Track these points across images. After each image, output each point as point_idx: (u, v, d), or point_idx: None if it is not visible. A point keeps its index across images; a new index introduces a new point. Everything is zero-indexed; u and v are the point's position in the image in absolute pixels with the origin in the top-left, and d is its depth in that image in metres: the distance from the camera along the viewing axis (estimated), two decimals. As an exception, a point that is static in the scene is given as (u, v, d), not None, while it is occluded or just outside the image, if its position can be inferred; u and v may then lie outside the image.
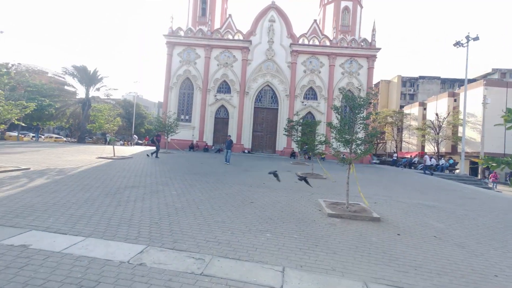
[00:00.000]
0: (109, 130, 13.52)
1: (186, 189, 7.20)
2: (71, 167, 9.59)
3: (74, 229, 3.82)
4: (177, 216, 4.78)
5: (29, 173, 7.78)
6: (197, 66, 27.95)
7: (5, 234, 3.48)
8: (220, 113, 28.32)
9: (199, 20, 29.60)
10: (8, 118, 7.70)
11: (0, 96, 7.80)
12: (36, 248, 3.15)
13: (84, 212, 4.64)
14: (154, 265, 2.94)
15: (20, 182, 6.62)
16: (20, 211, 4.44)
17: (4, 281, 2.45)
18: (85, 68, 29.52)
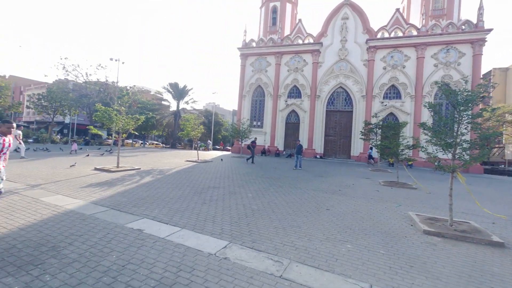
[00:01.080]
0: (194, 136, 15.52)
1: (260, 192, 7.48)
2: (167, 168, 11.46)
3: (172, 221, 4.51)
4: (254, 217, 5.00)
5: (140, 172, 9.72)
6: (268, 73, 29.01)
7: (127, 219, 4.43)
8: (291, 118, 28.41)
9: (269, 29, 30.80)
10: (127, 128, 9.82)
11: (123, 112, 10.03)
12: (147, 233, 3.87)
13: (178, 207, 5.43)
14: (237, 261, 3.15)
15: (134, 179, 8.34)
16: (135, 202, 5.57)
17: (128, 256, 3.11)
18: (177, 84, 35.04)
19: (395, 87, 24.21)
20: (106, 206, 5.11)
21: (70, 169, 9.40)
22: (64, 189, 6.35)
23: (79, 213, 4.60)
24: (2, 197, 5.38)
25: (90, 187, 6.74)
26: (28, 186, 6.49)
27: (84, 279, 2.57)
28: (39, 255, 3.00)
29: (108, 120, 9.49)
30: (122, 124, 9.79)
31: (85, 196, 5.79)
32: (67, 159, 12.42)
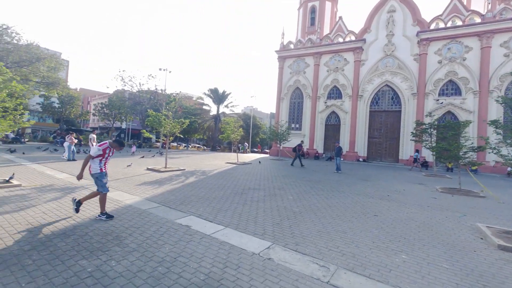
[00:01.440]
0: (234, 139, 15.98)
1: (301, 194, 7.32)
2: (209, 169, 12.00)
3: (216, 219, 4.68)
4: (295, 219, 4.90)
5: (185, 173, 10.36)
6: (306, 75, 28.48)
7: (176, 216, 4.74)
8: (330, 120, 27.36)
9: (308, 30, 30.27)
10: (174, 132, 10.59)
11: (170, 116, 10.85)
12: (194, 229, 4.08)
13: (221, 206, 5.62)
14: (281, 262, 3.11)
15: (180, 179, 8.92)
16: (182, 200, 5.94)
17: (179, 250, 3.31)
18: (217, 89, 36.67)
19: (453, 82, 21.51)
20: (158, 203, 5.56)
21: (127, 169, 10.50)
22: (123, 186, 7.11)
23: (136, 208, 5.09)
24: (74, 193, 6.25)
25: (143, 185, 7.42)
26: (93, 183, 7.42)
27: (143, 267, 2.82)
28: (106, 242, 3.40)
29: (158, 124, 10.37)
30: (169, 127, 10.59)
31: (140, 193, 6.39)
32: (126, 160, 13.90)
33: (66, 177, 8.06)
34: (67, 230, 3.76)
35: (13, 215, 4.30)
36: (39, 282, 2.45)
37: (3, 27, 18.72)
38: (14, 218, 4.14)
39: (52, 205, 5.02)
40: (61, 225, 3.96)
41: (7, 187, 6.25)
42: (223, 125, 16.08)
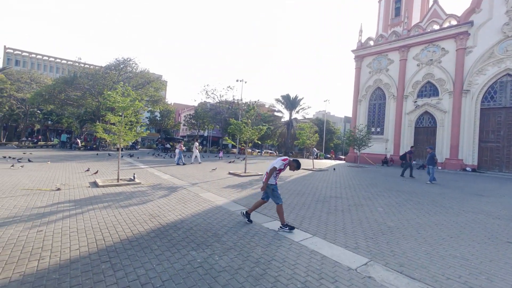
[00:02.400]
0: (310, 145, 15.64)
1: (393, 207, 6.43)
2: (286, 175, 12.08)
3: (302, 226, 4.61)
4: (392, 235, 4.31)
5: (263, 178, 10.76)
6: (389, 72, 25.41)
7: (262, 219, 4.93)
8: (422, 122, 23.41)
9: (391, 22, 27.11)
10: (252, 138, 11.19)
11: (249, 124, 11.53)
12: (282, 234, 4.13)
13: (304, 213, 5.52)
14: (385, 283, 2.75)
15: (260, 184, 9.30)
16: (265, 205, 6.13)
17: (271, 253, 3.39)
18: (289, 96, 37.03)
19: None
20: (243, 206, 5.93)
21: (212, 172, 11.73)
22: (212, 188, 7.95)
23: (226, 209, 5.56)
24: (177, 191, 7.35)
25: (228, 188, 8.09)
26: (190, 184, 8.59)
27: (242, 265, 3.01)
28: (208, 238, 3.82)
29: (238, 131, 11.20)
30: (249, 134, 11.27)
31: (227, 195, 6.99)
32: (213, 164, 15.61)
33: (169, 178, 9.62)
34: (177, 223, 4.43)
35: (140, 207, 5.39)
36: (164, 265, 2.95)
37: (127, 60, 24.59)
38: (141, 210, 5.18)
39: (163, 200, 6.05)
40: (172, 218, 4.71)
41: (132, 184, 7.94)
42: (298, 131, 16.02)
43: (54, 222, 4.20)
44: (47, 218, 4.42)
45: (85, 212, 4.86)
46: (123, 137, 8.45)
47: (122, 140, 8.46)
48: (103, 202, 5.62)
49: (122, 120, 8.46)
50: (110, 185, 7.52)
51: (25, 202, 5.34)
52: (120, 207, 5.31)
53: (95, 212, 4.85)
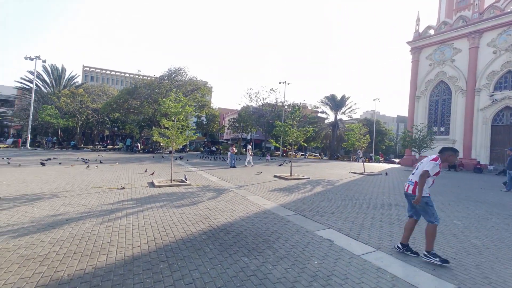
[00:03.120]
0: (360, 147, 14.47)
1: (475, 221, 5.36)
2: (334, 179, 11.35)
3: (361, 237, 4.12)
4: (481, 257, 3.52)
5: (310, 182, 10.28)
6: (456, 63, 22.13)
7: (315, 227, 4.58)
8: (502, 118, 19.72)
9: (457, 6, 23.66)
10: (298, 141, 10.82)
11: (294, 126, 11.19)
12: (339, 246, 3.73)
13: (361, 222, 4.97)
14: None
15: (307, 187, 8.88)
16: (316, 210, 5.76)
17: (329, 267, 3.05)
18: (334, 96, 35.28)
19: None
20: (293, 211, 5.65)
21: (258, 175, 11.70)
22: (258, 191, 7.86)
23: (274, 214, 5.37)
24: (225, 193, 7.45)
25: (275, 192, 7.89)
26: (236, 186, 8.66)
27: (298, 278, 2.76)
28: (258, 244, 3.67)
29: (284, 133, 10.95)
30: (294, 136, 10.93)
31: (274, 199, 6.79)
32: (258, 167, 15.69)
33: (216, 180, 9.89)
34: (227, 226, 4.41)
35: (191, 208, 5.58)
36: (218, 269, 2.88)
37: (178, 69, 26.76)
38: (192, 211, 5.34)
39: (212, 202, 6.17)
40: (222, 221, 4.71)
41: (183, 185, 8.36)
42: (346, 133, 14.98)
43: (119, 219, 4.58)
44: (114, 214, 4.85)
45: (145, 210, 5.21)
46: (175, 141, 9.01)
47: (175, 143, 9.01)
48: (159, 202, 5.99)
49: (174, 124, 9.04)
50: (164, 185, 8.04)
51: (97, 199, 6.00)
52: (174, 207, 5.56)
53: (153, 211, 5.16)
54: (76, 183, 7.92)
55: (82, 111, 29.82)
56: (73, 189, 7.00)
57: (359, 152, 33.68)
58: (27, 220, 4.34)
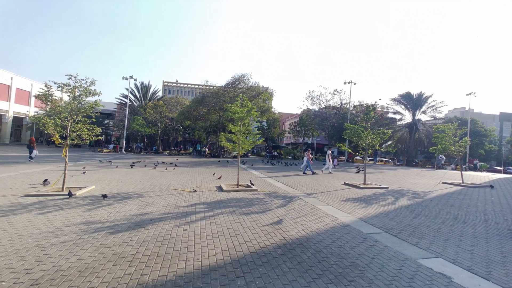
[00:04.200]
0: (455, 152, 11.81)
1: None
2: (421, 190, 9.48)
3: (492, 276, 3.01)
4: None
5: (390, 192, 8.82)
6: None
7: (415, 253, 3.63)
8: None
9: None
10: (374, 145, 9.48)
11: (368, 128, 9.89)
12: (461, 285, 2.77)
13: (485, 253, 3.73)
14: None
15: (388, 199, 7.57)
16: (409, 230, 4.69)
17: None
18: (409, 94, 30.70)
19: None
20: (378, 227, 4.74)
21: (325, 182, 10.80)
22: (330, 200, 7.09)
23: (355, 230, 4.59)
24: (293, 201, 6.97)
25: (350, 202, 6.96)
26: (305, 194, 8.07)
27: (415, 330, 2.05)
28: (345, 268, 3.05)
29: (356, 137, 9.79)
30: (369, 140, 9.65)
31: (350, 211, 5.94)
32: (324, 174, 14.71)
33: (282, 186, 9.52)
34: (302, 241, 3.92)
35: (261, 216, 5.31)
36: (302, 298, 2.43)
37: (241, 76, 28.02)
38: (262, 219, 5.06)
39: (281, 211, 5.78)
40: (296, 233, 4.25)
41: (250, 190, 8.27)
42: (435, 135, 12.47)
43: (194, 223, 4.65)
44: (189, 218, 4.98)
45: (216, 215, 5.21)
46: (241, 145, 9.08)
47: (241, 148, 9.09)
48: (228, 207, 5.96)
49: (240, 129, 9.13)
50: (232, 190, 8.12)
51: (174, 201, 6.40)
52: (243, 214, 5.41)
53: (223, 217, 5.11)
54: (157, 184, 8.79)
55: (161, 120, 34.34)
56: (155, 189, 7.73)
57: (442, 157, 28.11)
58: (120, 217, 4.83)
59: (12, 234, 3.79)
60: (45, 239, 3.65)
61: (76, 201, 5.93)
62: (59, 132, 6.81)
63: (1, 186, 7.26)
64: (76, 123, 7.08)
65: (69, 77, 6.88)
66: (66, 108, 6.93)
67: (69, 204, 5.63)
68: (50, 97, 6.83)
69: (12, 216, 4.63)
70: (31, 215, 4.75)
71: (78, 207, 5.38)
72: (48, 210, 5.12)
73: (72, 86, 6.94)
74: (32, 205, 5.45)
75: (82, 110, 7.05)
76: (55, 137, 6.88)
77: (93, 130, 7.32)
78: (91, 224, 4.39)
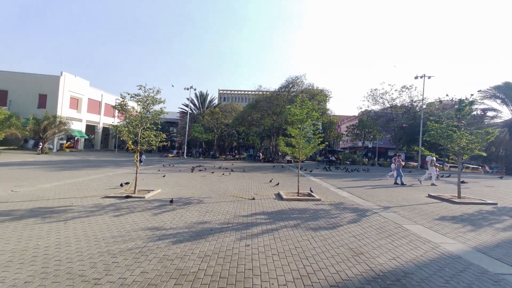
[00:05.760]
0: None
1: None
2: (550, 210, 7.00)
3: None
4: None
5: (502, 210, 6.75)
6: None
7: None
8: None
9: None
10: (471, 148, 7.49)
11: (461, 128, 7.93)
12: None
13: None
14: None
15: (507, 221, 5.71)
16: None
17: None
18: (508, 84, 24.66)
19: None
20: (510, 265, 3.37)
21: (402, 193, 9.11)
22: (417, 218, 5.72)
23: (474, 266, 3.34)
24: (368, 216, 5.86)
25: (446, 222, 5.47)
26: (380, 207, 6.80)
27: None
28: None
29: (445, 139, 7.92)
30: (464, 142, 7.68)
31: (453, 234, 4.57)
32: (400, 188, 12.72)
33: (348, 196, 8.36)
34: (399, 277, 2.97)
35: (332, 233, 4.48)
36: None
37: (295, 78, 27.34)
38: (335, 238, 4.23)
39: (356, 228, 4.81)
40: (384, 263, 3.31)
41: (312, 200, 7.44)
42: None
43: (256, 237, 4.15)
44: (250, 230, 4.52)
45: (279, 229, 4.62)
46: (302, 150, 8.34)
47: (301, 153, 8.35)
48: (292, 219, 5.30)
49: (300, 133, 8.42)
50: (292, 198, 7.43)
51: (233, 209, 6.09)
52: (310, 229, 4.67)
53: (288, 232, 4.48)
54: (215, 189, 8.75)
55: (218, 126, 36.15)
56: (213, 195, 7.65)
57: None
58: (182, 224, 4.70)
59: (90, 236, 3.95)
60: (115, 244, 3.66)
61: (144, 204, 6.18)
62: (132, 139, 7.37)
63: (89, 187, 8.26)
64: (145, 130, 7.56)
65: (139, 87, 7.39)
66: (137, 116, 7.47)
67: (139, 207, 5.87)
68: (124, 107, 7.48)
69: (92, 217, 4.98)
70: (107, 217, 5.02)
71: (146, 211, 5.53)
72: (121, 212, 5.39)
73: (142, 96, 7.44)
74: (109, 206, 5.86)
75: (150, 118, 7.51)
76: (128, 143, 7.47)
77: (159, 136, 7.72)
78: (156, 230, 4.33)
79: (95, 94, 36.28)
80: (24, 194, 6.76)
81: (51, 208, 5.49)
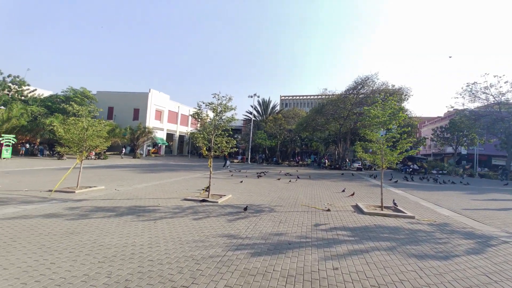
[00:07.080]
0: None
1: None
2: None
3: None
4: None
5: None
6: None
7: None
8: None
9: None
10: None
11: None
12: None
13: None
14: None
15: None
16: None
17: None
18: None
19: None
20: None
21: None
22: None
23: None
24: (496, 246, 4.43)
25: None
26: (508, 234, 5.12)
27: None
28: None
29: None
30: None
31: None
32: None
33: (452, 215, 6.70)
34: None
35: (446, 265, 3.46)
36: None
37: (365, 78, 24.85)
38: (452, 272, 3.22)
39: (482, 263, 3.61)
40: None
41: (401, 217, 6.21)
42: None
43: (344, 259, 3.54)
44: (334, 248, 3.93)
45: (370, 251, 3.87)
46: (385, 157, 7.16)
47: (385, 160, 7.17)
48: (382, 239, 4.42)
49: (383, 137, 7.26)
50: (375, 213, 6.40)
51: (308, 220, 5.56)
52: (413, 256, 3.74)
53: (383, 256, 3.69)
54: (284, 197, 8.37)
55: (280, 132, 36.07)
56: (284, 204, 7.28)
57: None
58: (257, 234, 4.47)
59: (175, 238, 4.11)
60: (198, 250, 3.66)
61: (218, 209, 6.29)
62: (205, 145, 7.76)
63: (171, 188, 9.10)
64: (217, 137, 7.86)
65: (213, 96, 7.76)
66: (211, 123, 7.85)
67: (214, 212, 5.99)
68: (200, 115, 7.98)
69: (175, 218, 5.28)
70: (188, 219, 5.24)
71: (220, 217, 5.57)
72: (199, 216, 5.57)
73: (216, 104, 7.78)
74: (188, 209, 6.18)
75: (222, 124, 7.79)
76: (203, 150, 7.89)
77: (230, 143, 7.90)
78: (233, 238, 4.22)
79: (173, 106, 41.54)
80: (124, 193, 7.87)
81: (144, 207, 6.13)
